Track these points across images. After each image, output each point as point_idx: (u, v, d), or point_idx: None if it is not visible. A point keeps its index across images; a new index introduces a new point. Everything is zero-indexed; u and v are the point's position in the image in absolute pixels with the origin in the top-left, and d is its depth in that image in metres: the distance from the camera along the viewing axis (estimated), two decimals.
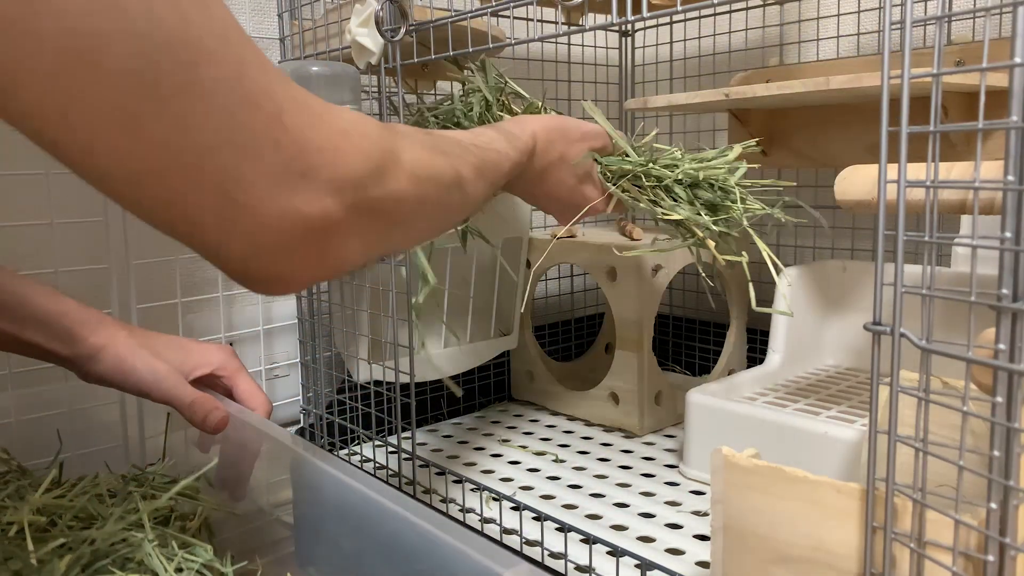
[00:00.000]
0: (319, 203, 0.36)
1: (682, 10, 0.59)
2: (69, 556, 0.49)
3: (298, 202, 0.35)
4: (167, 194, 0.33)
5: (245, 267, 0.37)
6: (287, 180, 0.35)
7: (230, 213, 0.34)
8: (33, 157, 0.79)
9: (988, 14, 0.36)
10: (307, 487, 0.55)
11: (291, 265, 0.37)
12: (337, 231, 0.38)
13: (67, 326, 0.61)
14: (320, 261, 0.38)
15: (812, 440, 0.74)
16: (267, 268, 0.37)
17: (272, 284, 0.39)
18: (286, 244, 0.36)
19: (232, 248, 0.36)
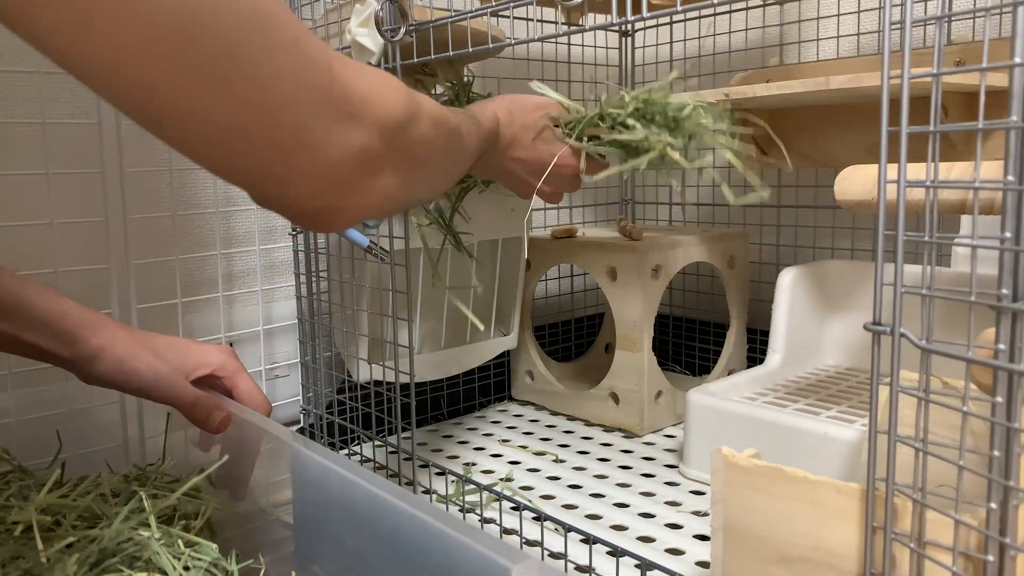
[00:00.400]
0: (366, 141, 0.41)
1: (682, 10, 0.59)
2: (78, 554, 0.49)
3: (350, 140, 0.41)
4: (244, 146, 0.37)
5: (308, 204, 0.42)
6: (341, 123, 0.40)
7: (298, 157, 0.39)
8: (33, 157, 0.79)
9: (988, 14, 0.36)
10: (311, 485, 0.55)
11: (345, 198, 0.43)
12: (381, 166, 0.43)
13: (67, 327, 0.61)
14: (367, 193, 0.43)
15: (812, 440, 0.74)
16: (326, 202, 0.42)
17: (330, 216, 0.44)
18: (342, 179, 0.41)
19: (298, 188, 0.40)
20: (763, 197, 0.68)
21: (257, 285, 0.93)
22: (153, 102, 0.34)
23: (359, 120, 0.41)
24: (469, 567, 0.40)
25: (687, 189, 1.27)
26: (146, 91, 0.34)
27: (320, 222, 0.44)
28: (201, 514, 0.60)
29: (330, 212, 0.43)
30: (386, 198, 0.45)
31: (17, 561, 0.49)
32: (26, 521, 0.53)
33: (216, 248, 0.90)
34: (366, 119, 0.41)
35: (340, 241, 0.86)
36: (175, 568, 0.51)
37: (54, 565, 0.47)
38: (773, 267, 1.12)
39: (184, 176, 0.89)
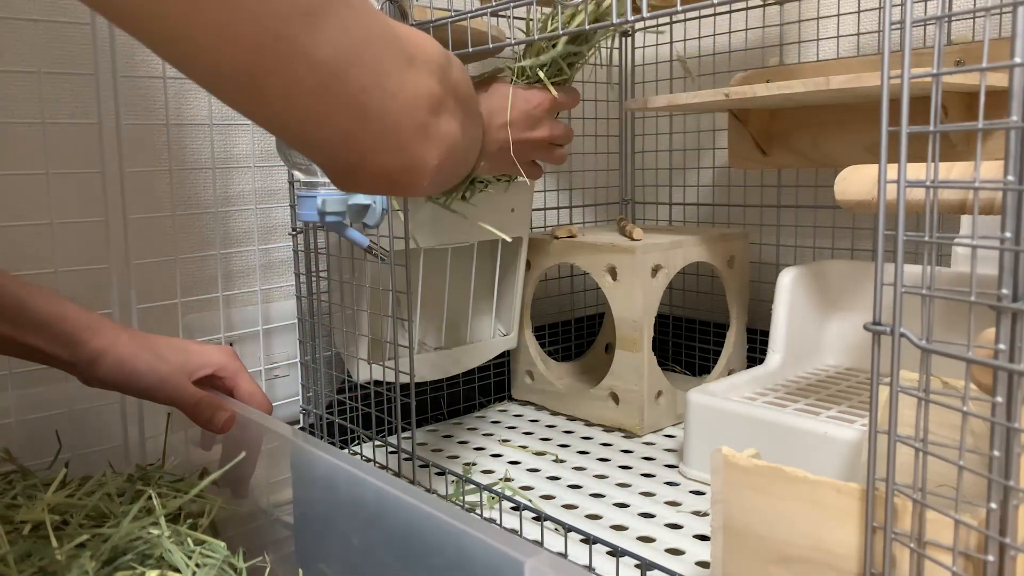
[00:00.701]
0: (427, 81, 0.43)
1: (682, 10, 0.59)
2: (89, 552, 0.49)
3: (417, 82, 0.42)
4: (327, 108, 0.38)
5: (391, 161, 0.43)
6: (407, 68, 0.41)
7: (377, 108, 0.40)
8: (33, 157, 0.79)
9: (988, 14, 0.36)
10: (316, 483, 0.55)
11: (424, 144, 0.44)
12: (443, 105, 0.44)
13: (68, 330, 0.61)
14: (439, 137, 0.44)
15: (812, 440, 0.74)
16: (408, 154, 0.43)
17: (411, 172, 0.44)
18: (419, 122, 0.42)
19: (380, 143, 0.41)
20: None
21: (257, 285, 0.93)
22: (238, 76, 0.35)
23: (416, 63, 0.42)
24: (482, 561, 0.40)
25: (687, 189, 1.28)
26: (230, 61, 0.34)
27: (402, 181, 0.44)
28: (207, 513, 0.60)
29: (412, 166, 0.44)
30: (451, 143, 0.46)
31: (31, 558, 0.49)
32: (34, 520, 0.53)
33: (216, 248, 0.90)
34: (419, 60, 0.42)
35: (340, 241, 0.86)
36: (188, 565, 0.51)
37: (71, 562, 0.47)
38: (773, 267, 1.12)
39: (184, 176, 0.89)
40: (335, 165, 0.43)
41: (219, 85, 0.36)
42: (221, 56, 0.34)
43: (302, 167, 0.73)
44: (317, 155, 0.43)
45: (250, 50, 0.34)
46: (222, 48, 0.33)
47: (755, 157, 1.08)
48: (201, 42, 0.33)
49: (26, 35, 0.77)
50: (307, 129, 0.39)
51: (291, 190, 0.92)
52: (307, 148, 0.42)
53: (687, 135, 1.25)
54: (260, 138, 0.93)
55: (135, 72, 0.84)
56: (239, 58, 0.34)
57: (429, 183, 0.46)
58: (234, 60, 0.34)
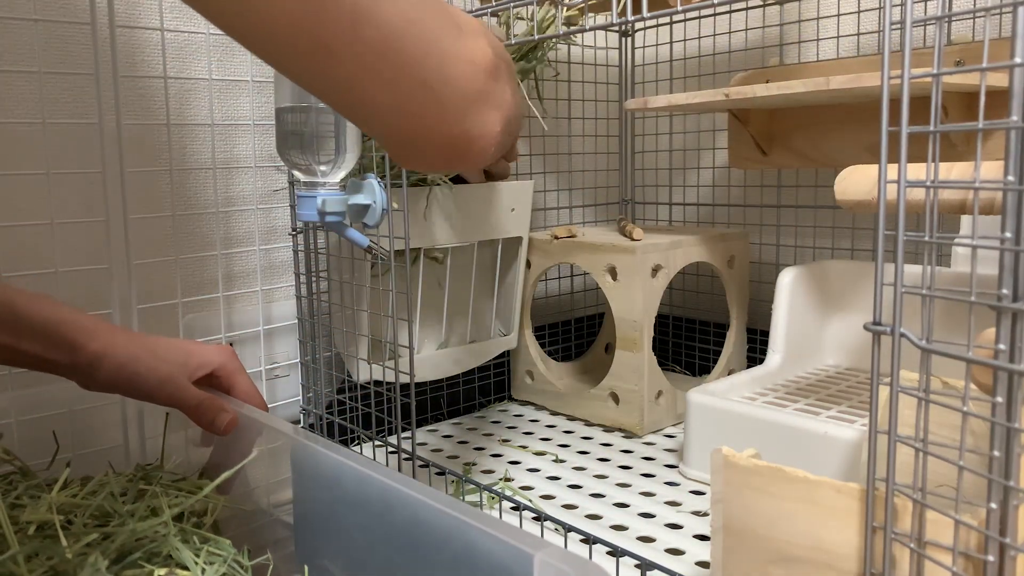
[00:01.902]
0: (479, 46, 0.42)
1: (682, 10, 0.59)
2: (99, 551, 0.49)
3: (471, 52, 0.42)
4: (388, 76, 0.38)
5: (452, 129, 0.42)
6: (456, 32, 0.41)
7: (436, 75, 0.40)
8: (33, 157, 0.79)
9: (988, 14, 0.36)
10: (319, 480, 0.55)
11: (483, 110, 0.43)
12: (499, 72, 0.44)
13: (65, 334, 0.60)
14: (497, 103, 0.44)
15: (812, 440, 0.74)
16: (469, 120, 0.43)
17: (470, 140, 0.44)
18: (477, 88, 0.42)
19: (440, 111, 0.41)
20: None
21: (257, 285, 0.93)
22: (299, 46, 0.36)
23: (465, 30, 0.42)
24: (491, 555, 0.40)
25: (687, 189, 1.28)
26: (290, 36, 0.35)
27: (467, 150, 0.44)
28: (210, 512, 0.60)
29: (476, 134, 0.43)
30: (510, 108, 0.45)
31: (38, 558, 0.49)
32: (39, 520, 0.53)
33: (216, 248, 0.90)
34: (468, 28, 0.42)
35: (340, 241, 0.86)
36: (197, 563, 0.51)
37: (83, 561, 0.47)
38: (773, 267, 1.12)
39: (184, 176, 0.89)
40: (398, 136, 0.43)
41: (289, 51, 0.36)
42: (294, 16, 0.35)
43: (302, 167, 0.73)
44: (378, 126, 0.42)
45: (318, 7, 0.35)
46: (293, 8, 0.34)
47: (755, 157, 1.08)
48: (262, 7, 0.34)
49: (26, 35, 0.77)
50: (372, 96, 0.39)
51: (291, 190, 0.92)
52: (370, 119, 0.42)
53: (687, 135, 1.25)
54: (261, 139, 0.93)
55: (135, 72, 0.84)
56: (309, 17, 0.35)
57: (492, 152, 0.45)
58: (304, 19, 0.35)
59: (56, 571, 0.48)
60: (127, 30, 0.83)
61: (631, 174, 1.30)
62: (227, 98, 0.91)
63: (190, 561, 0.51)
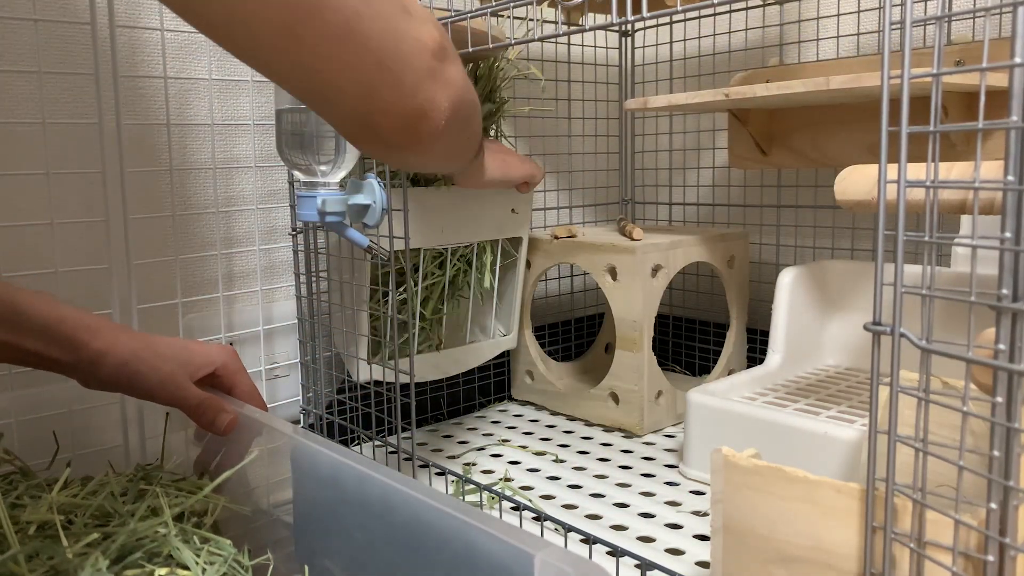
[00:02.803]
0: (428, 31, 0.44)
1: (682, 10, 0.59)
2: (99, 551, 0.49)
3: (419, 32, 0.44)
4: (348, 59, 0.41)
5: (406, 104, 0.45)
6: (403, 14, 0.43)
7: (389, 55, 0.42)
8: (33, 157, 0.79)
9: (988, 14, 0.36)
10: (319, 480, 0.55)
11: (435, 87, 0.45)
12: (445, 54, 0.46)
13: (66, 332, 0.60)
14: (449, 81, 0.46)
15: (812, 440, 0.74)
16: (421, 97, 0.45)
17: (425, 117, 0.46)
18: (427, 69, 0.44)
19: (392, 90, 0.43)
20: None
21: (257, 285, 0.93)
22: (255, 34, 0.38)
23: (413, 15, 0.44)
24: (492, 555, 0.40)
25: (687, 189, 1.28)
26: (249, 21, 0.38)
27: (419, 128, 0.46)
28: (211, 512, 0.60)
29: (427, 109, 0.45)
30: (459, 89, 0.47)
31: (38, 557, 0.49)
32: (39, 520, 0.53)
33: (216, 248, 0.90)
34: (418, 14, 0.44)
35: (340, 241, 0.86)
36: (197, 563, 0.51)
37: (84, 561, 0.47)
38: (773, 267, 1.12)
39: (184, 176, 0.89)
40: (356, 118, 0.45)
41: (253, 37, 0.38)
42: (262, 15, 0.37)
43: (302, 167, 0.73)
44: (337, 110, 0.44)
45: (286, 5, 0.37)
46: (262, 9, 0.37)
47: (755, 157, 1.08)
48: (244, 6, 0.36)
49: (26, 35, 0.77)
50: (336, 77, 0.41)
51: (291, 190, 0.92)
52: (329, 102, 0.44)
53: (687, 135, 1.25)
54: (261, 139, 0.93)
55: (135, 72, 0.84)
56: (269, 7, 0.37)
57: (445, 130, 0.47)
58: (264, 9, 0.37)
59: (57, 571, 0.48)
60: (127, 30, 0.83)
61: (631, 174, 1.30)
62: (227, 98, 0.91)
63: (191, 561, 0.51)
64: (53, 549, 0.49)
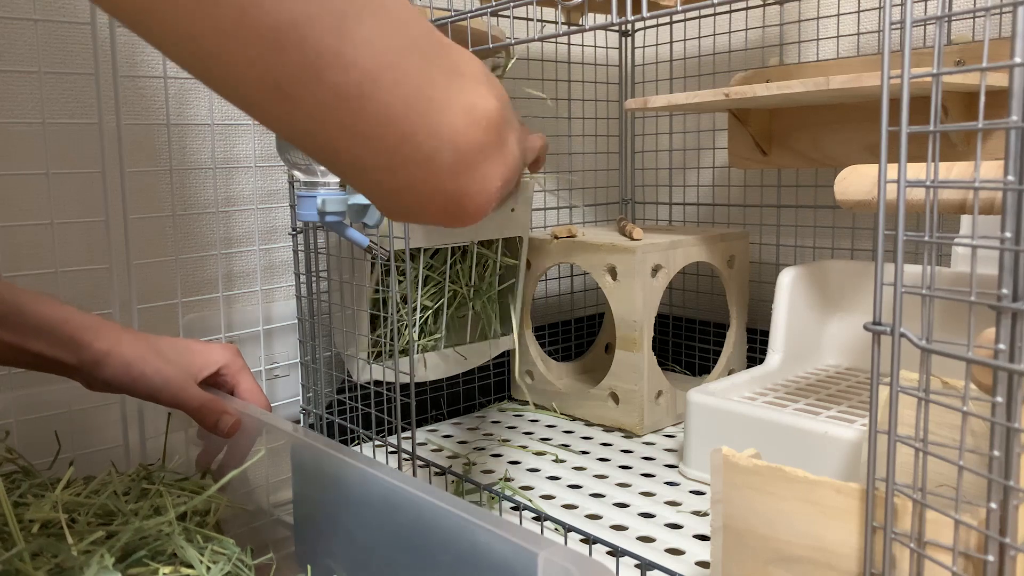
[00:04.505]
0: (479, 94, 0.37)
1: (682, 10, 0.59)
2: (104, 548, 0.50)
3: (470, 100, 0.37)
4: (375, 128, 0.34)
5: (449, 182, 0.37)
6: (451, 80, 0.36)
7: (425, 115, 0.35)
8: (33, 157, 0.79)
9: (988, 14, 0.36)
10: (319, 480, 0.55)
11: (488, 165, 0.38)
12: (502, 121, 0.39)
13: (69, 333, 0.60)
14: (503, 158, 0.39)
15: (812, 440, 0.74)
16: (472, 173, 0.37)
17: (475, 197, 0.38)
18: (477, 145, 0.37)
19: (443, 161, 0.36)
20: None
21: (257, 285, 0.93)
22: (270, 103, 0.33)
23: (466, 75, 0.37)
24: (495, 554, 0.40)
25: (687, 189, 1.28)
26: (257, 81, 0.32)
27: (461, 209, 0.39)
28: (213, 511, 0.60)
29: (471, 191, 0.38)
30: (515, 160, 0.41)
31: (42, 556, 0.49)
32: (43, 519, 0.53)
33: (216, 248, 0.90)
34: (468, 73, 0.37)
35: (340, 241, 0.86)
36: (202, 562, 0.51)
37: (89, 559, 0.47)
38: (773, 267, 1.12)
39: (184, 176, 0.89)
40: (380, 190, 0.38)
41: (245, 93, 0.33)
42: (238, 58, 0.31)
43: (302, 167, 0.73)
44: (357, 179, 0.38)
45: (271, 50, 0.31)
46: (239, 49, 0.30)
47: (755, 157, 1.08)
48: (212, 41, 0.30)
49: (26, 35, 0.77)
50: (344, 147, 0.35)
51: (291, 190, 0.92)
52: (345, 171, 0.37)
53: (687, 135, 1.25)
54: (261, 139, 0.93)
55: (135, 72, 0.84)
56: (260, 62, 0.31)
57: (490, 211, 0.41)
58: (255, 65, 0.31)
59: (61, 568, 0.48)
60: (127, 30, 0.82)
61: (631, 174, 1.30)
62: None
63: (195, 560, 0.51)
64: (57, 547, 0.49)
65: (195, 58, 0.32)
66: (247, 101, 0.33)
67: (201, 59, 0.31)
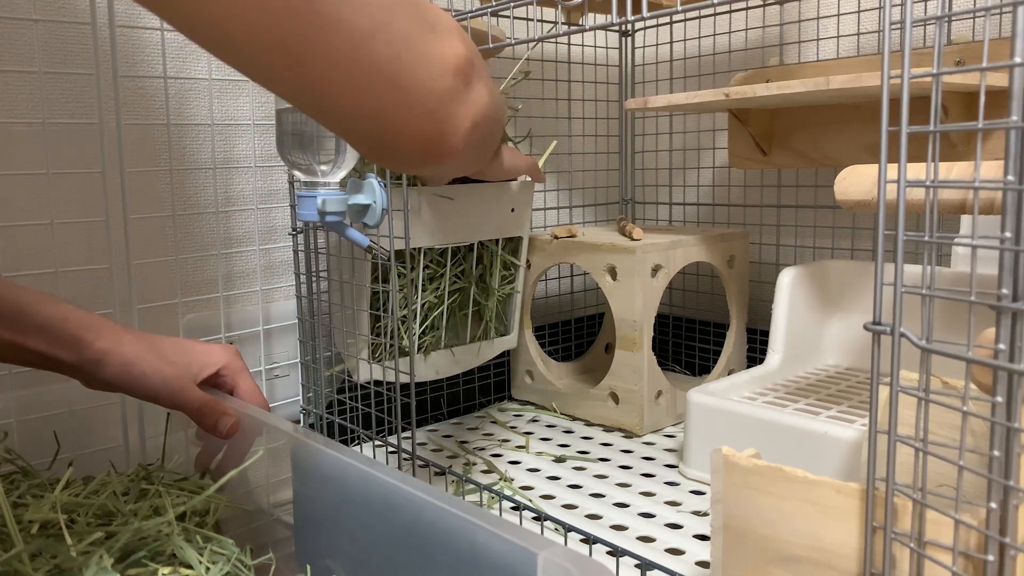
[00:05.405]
0: (452, 48, 0.42)
1: (682, 10, 0.59)
2: (104, 549, 0.50)
3: (443, 50, 0.41)
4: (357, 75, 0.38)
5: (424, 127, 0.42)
6: (429, 32, 0.40)
7: (407, 74, 0.39)
8: (33, 157, 0.79)
9: (988, 14, 0.36)
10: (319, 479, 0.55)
11: (459, 107, 0.43)
12: (472, 70, 0.43)
13: (70, 332, 0.60)
14: (471, 102, 0.43)
15: (812, 440, 0.74)
16: (445, 114, 0.42)
17: (449, 136, 0.43)
18: (449, 90, 0.42)
19: (411, 110, 0.41)
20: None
21: (257, 285, 0.93)
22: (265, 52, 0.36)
23: (438, 29, 0.41)
24: (495, 554, 0.40)
25: (687, 189, 1.28)
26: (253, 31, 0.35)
27: (438, 149, 0.44)
28: (212, 511, 0.60)
29: (446, 131, 0.43)
30: (483, 106, 0.45)
31: (41, 556, 0.49)
32: (42, 519, 0.53)
33: (216, 248, 0.90)
34: (442, 25, 0.42)
35: (340, 241, 0.86)
36: (201, 562, 0.51)
37: (88, 559, 0.47)
38: (773, 267, 1.12)
39: (184, 176, 0.89)
40: (370, 139, 0.43)
41: (256, 59, 0.36)
42: (260, 26, 0.34)
43: (302, 167, 0.73)
44: (352, 130, 0.43)
45: (285, 16, 0.34)
46: (259, 18, 0.34)
47: (755, 157, 1.08)
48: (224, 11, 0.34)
49: (26, 35, 0.77)
50: (345, 100, 0.39)
51: (291, 190, 0.92)
52: (343, 123, 0.42)
53: (687, 135, 1.25)
54: (261, 139, 0.93)
55: (135, 72, 0.84)
56: (276, 27, 0.34)
57: (464, 149, 0.45)
58: (271, 29, 0.34)
59: (61, 569, 0.48)
60: (127, 30, 0.83)
61: (631, 174, 1.30)
62: (227, 98, 0.91)
63: (194, 560, 0.51)
64: (57, 548, 0.49)
65: (208, 27, 0.35)
66: (253, 62, 0.37)
67: (214, 30, 0.35)
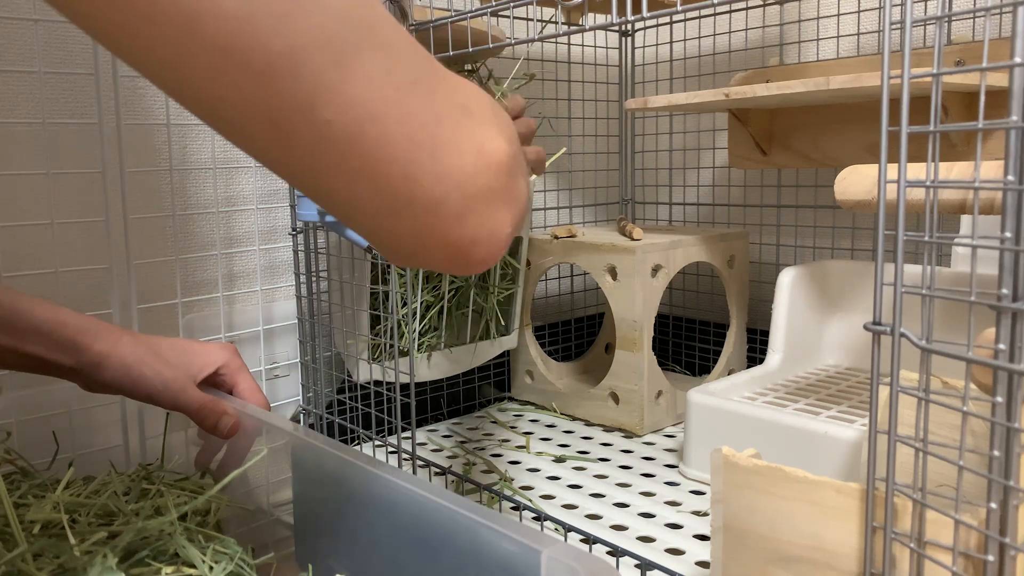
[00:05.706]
0: (491, 139, 0.35)
1: (682, 10, 0.59)
2: (107, 549, 0.50)
3: (479, 141, 0.35)
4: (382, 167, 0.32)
5: (456, 229, 0.35)
6: (459, 119, 0.34)
7: (432, 157, 0.33)
8: (33, 157, 0.79)
9: (988, 14, 0.36)
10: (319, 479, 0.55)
11: (497, 210, 0.36)
12: (512, 164, 0.37)
13: (68, 335, 0.60)
14: (513, 201, 0.37)
15: (812, 440, 0.74)
16: (480, 219, 0.35)
17: (486, 243, 0.36)
18: (486, 188, 0.35)
19: (449, 206, 0.34)
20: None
21: (257, 285, 0.93)
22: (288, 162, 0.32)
23: (475, 116, 0.35)
24: (499, 551, 0.40)
25: (687, 189, 1.28)
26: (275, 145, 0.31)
27: (470, 255, 0.37)
28: (213, 511, 0.60)
29: (480, 238, 0.36)
30: (524, 203, 0.39)
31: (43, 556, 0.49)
32: (44, 519, 0.53)
33: (216, 248, 0.90)
34: (477, 113, 0.36)
35: (340, 241, 0.86)
36: (204, 561, 0.51)
37: (92, 559, 0.47)
38: (773, 267, 1.12)
39: (184, 176, 0.89)
40: (381, 236, 0.36)
41: (239, 129, 0.31)
42: (226, 89, 0.29)
43: None
44: (359, 222, 0.35)
45: (266, 85, 0.29)
46: (227, 79, 0.29)
47: (755, 157, 1.08)
48: (196, 70, 0.29)
49: (26, 35, 0.77)
50: (341, 188, 0.33)
51: (291, 190, 0.92)
52: (346, 213, 0.35)
53: (687, 135, 1.25)
54: None
55: (135, 72, 0.83)
56: (254, 98, 0.29)
57: (503, 254, 0.39)
58: (248, 100, 0.29)
59: (64, 569, 0.48)
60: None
61: (631, 174, 1.30)
62: None
63: (197, 560, 0.51)
64: (60, 548, 0.49)
65: (184, 86, 0.30)
66: (241, 135, 0.32)
67: (186, 86, 0.30)
